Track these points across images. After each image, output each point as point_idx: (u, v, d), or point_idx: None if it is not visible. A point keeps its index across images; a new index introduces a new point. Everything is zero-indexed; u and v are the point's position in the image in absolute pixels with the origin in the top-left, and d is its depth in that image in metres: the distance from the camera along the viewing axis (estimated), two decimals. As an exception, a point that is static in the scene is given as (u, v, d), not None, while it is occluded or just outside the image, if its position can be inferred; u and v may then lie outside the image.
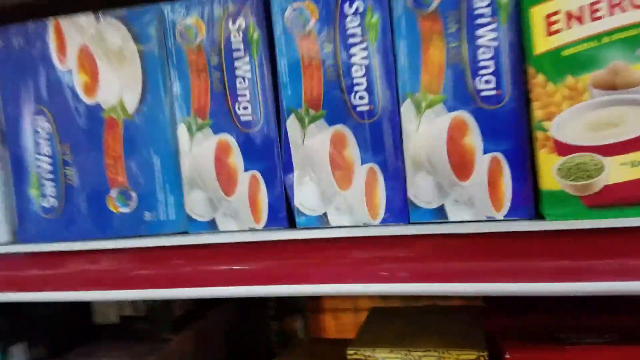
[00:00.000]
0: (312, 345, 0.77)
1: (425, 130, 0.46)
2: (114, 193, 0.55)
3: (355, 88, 0.47)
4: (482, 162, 0.44)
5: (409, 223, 0.47)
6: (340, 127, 0.48)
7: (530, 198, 0.44)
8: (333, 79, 0.47)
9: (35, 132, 0.56)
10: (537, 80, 0.42)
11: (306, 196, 0.50)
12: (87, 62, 0.54)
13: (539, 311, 0.57)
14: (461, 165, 0.45)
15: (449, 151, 0.45)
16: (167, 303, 0.76)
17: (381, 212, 0.47)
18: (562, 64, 0.41)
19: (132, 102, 0.53)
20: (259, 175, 0.51)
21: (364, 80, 0.47)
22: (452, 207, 0.46)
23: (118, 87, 0.54)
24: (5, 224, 0.58)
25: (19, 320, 0.70)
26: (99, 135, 0.55)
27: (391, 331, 0.59)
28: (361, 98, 0.47)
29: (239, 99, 0.50)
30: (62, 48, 0.55)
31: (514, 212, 0.44)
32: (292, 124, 0.49)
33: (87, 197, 0.56)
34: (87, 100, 0.54)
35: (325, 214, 0.49)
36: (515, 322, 0.55)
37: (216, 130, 0.51)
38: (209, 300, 0.91)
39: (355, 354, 0.54)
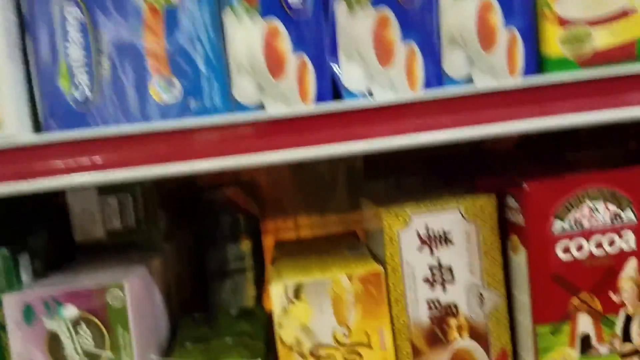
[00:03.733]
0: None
1: (458, 10, 0.55)
2: (156, 82, 0.56)
3: (400, -25, 0.55)
4: (502, 35, 0.56)
5: (445, 90, 0.57)
6: (383, 9, 0.55)
7: (536, 64, 0.57)
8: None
9: (64, 18, 0.54)
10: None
11: (352, 77, 0.57)
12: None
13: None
14: (487, 39, 0.56)
15: (478, 27, 0.55)
16: (155, 214, 0.77)
17: (420, 85, 0.56)
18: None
19: (177, -12, 0.55)
20: (306, 58, 0.56)
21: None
22: (479, 77, 0.57)
23: (161, -27, 0.54)
24: (29, 119, 0.56)
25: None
26: (138, 24, 0.55)
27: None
28: (405, -16, 0.55)
29: (290, -17, 0.55)
30: None
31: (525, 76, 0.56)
32: (340, 8, 0.55)
33: (125, 88, 0.56)
34: (126, -13, 0.54)
35: (370, 92, 0.57)
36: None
37: (264, 14, 0.55)
38: (186, 213, 0.93)
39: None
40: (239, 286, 0.91)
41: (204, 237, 1.00)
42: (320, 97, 0.57)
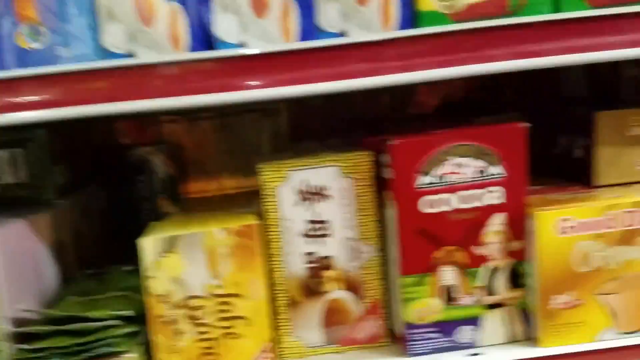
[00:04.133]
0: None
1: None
2: (23, 29, 0.55)
3: None
4: (373, -8, 0.56)
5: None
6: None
7: (411, 19, 0.57)
8: None
9: None
10: None
11: (226, 27, 0.56)
12: None
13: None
14: (357, -5, 0.56)
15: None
16: (49, 170, 0.76)
17: (294, 38, 0.57)
18: None
19: None
20: (178, 6, 0.56)
21: None
22: (354, 31, 0.57)
23: None
24: None
25: None
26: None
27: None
28: None
29: None
30: None
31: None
32: (210, -42, 0.55)
33: (-10, 35, 0.54)
34: None
35: (244, 43, 0.57)
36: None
37: (134, -38, 0.54)
38: (86, 171, 0.92)
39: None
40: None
41: (121, 197, 1.00)
42: (194, 47, 0.57)
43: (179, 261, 0.58)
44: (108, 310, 0.58)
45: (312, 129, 1.09)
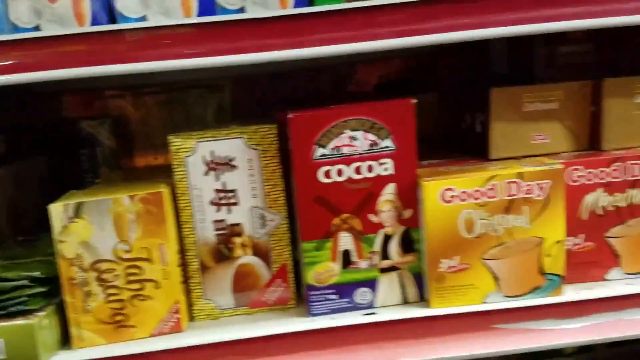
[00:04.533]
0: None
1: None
2: None
3: None
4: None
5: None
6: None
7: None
8: None
9: None
10: None
11: (127, 2, 0.59)
12: None
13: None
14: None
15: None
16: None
17: (195, 10, 0.60)
18: None
19: None
20: (81, -16, 0.58)
21: None
22: (252, 8, 0.60)
23: None
24: None
25: None
26: None
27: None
28: None
29: None
30: None
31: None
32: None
33: None
34: None
35: (145, 16, 0.60)
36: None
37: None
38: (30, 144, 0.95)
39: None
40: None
41: (65, 168, 1.03)
42: (96, 21, 0.60)
43: (87, 226, 0.62)
44: (22, 272, 0.62)
45: (256, 104, 1.12)
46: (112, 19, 0.60)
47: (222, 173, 0.66)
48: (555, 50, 0.83)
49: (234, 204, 0.67)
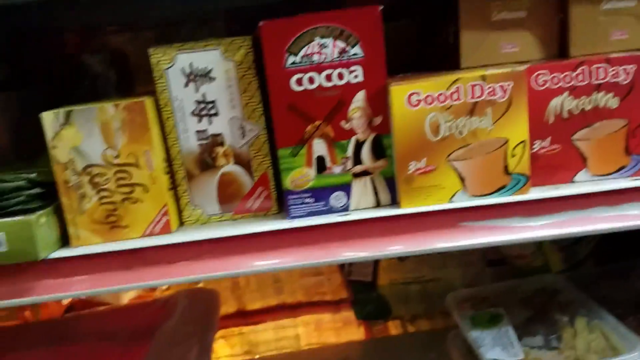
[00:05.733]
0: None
1: None
2: None
3: None
4: None
5: None
6: None
7: None
8: None
9: None
10: None
11: None
12: None
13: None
14: None
15: None
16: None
17: None
18: None
19: None
20: None
21: None
22: None
23: None
24: None
25: None
26: None
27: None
28: None
29: None
30: None
31: None
32: None
33: None
34: None
35: None
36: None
37: None
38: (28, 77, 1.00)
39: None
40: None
41: (66, 100, 1.08)
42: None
43: (76, 133, 0.67)
44: (21, 174, 0.68)
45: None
46: None
47: (201, 84, 0.70)
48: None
49: (214, 114, 0.71)
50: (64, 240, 0.71)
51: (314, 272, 1.28)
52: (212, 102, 0.71)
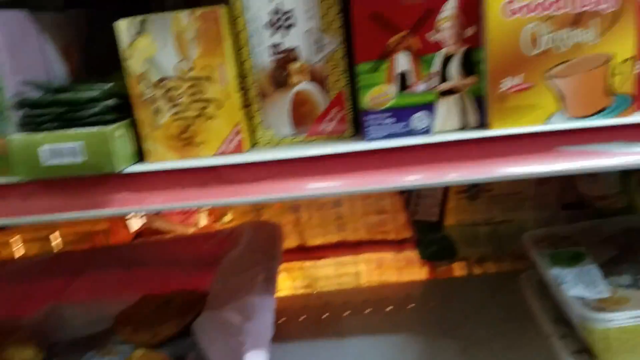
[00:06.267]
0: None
1: None
2: None
3: None
4: None
5: None
6: None
7: None
8: None
9: None
10: None
11: None
12: None
13: None
14: None
15: None
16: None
17: None
18: None
19: None
20: None
21: None
22: None
23: None
24: None
25: None
26: None
27: None
28: None
29: None
30: None
31: None
32: None
33: None
34: None
35: None
36: None
37: None
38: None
39: None
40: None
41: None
42: None
43: (150, 43, 0.64)
44: (95, 86, 0.66)
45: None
46: None
47: (278, -6, 0.66)
48: None
49: (290, 26, 0.67)
50: (139, 156, 0.70)
51: (378, 210, 1.25)
52: (288, 12, 0.67)
